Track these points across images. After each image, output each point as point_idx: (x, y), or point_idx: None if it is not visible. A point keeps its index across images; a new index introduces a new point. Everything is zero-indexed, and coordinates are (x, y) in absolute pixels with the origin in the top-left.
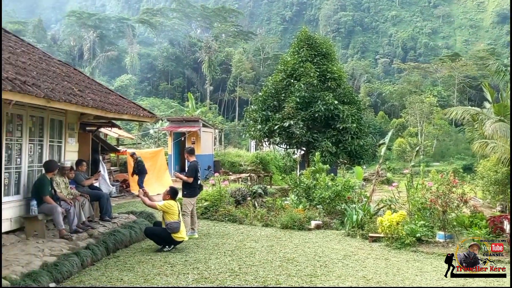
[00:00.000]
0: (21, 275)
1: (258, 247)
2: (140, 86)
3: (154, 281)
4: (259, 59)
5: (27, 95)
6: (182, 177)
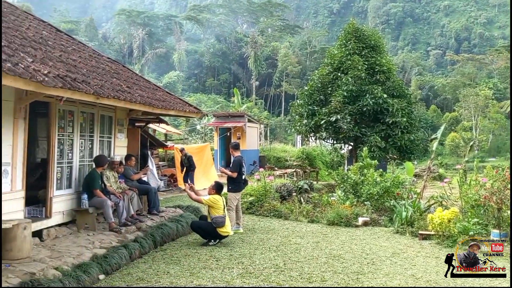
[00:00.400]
0: (72, 266)
1: (303, 243)
2: (187, 82)
3: (200, 274)
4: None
5: (77, 91)
6: (227, 172)
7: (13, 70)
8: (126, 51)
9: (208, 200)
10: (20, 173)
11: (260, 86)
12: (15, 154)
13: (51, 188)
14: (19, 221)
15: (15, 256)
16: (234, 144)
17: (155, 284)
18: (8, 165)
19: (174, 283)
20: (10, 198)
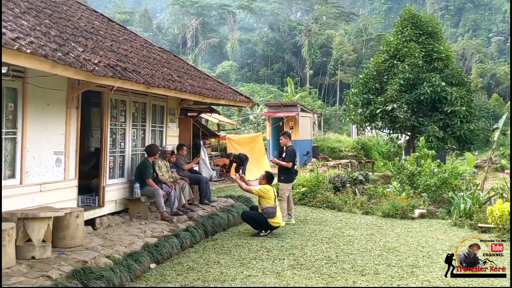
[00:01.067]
0: (124, 255)
1: (357, 235)
2: (240, 72)
3: (250, 265)
4: (361, 41)
5: (127, 81)
6: (280, 162)
7: (64, 59)
8: (180, 41)
9: (258, 190)
10: (73, 162)
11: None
12: (67, 143)
13: (104, 177)
14: (71, 210)
15: (68, 244)
16: (288, 133)
17: (206, 273)
18: (61, 154)
19: (224, 273)
20: (63, 186)
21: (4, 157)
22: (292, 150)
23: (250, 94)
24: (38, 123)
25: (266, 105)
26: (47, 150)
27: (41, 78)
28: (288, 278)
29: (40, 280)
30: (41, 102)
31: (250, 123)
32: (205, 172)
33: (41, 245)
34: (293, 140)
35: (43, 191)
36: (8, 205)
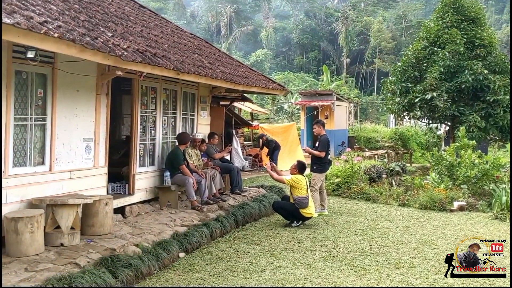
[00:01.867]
0: (153, 244)
1: (392, 227)
2: (275, 60)
3: (280, 255)
4: (400, 28)
5: (157, 67)
6: (313, 152)
7: (92, 44)
8: (214, 30)
9: (290, 180)
10: (103, 149)
11: (351, 63)
12: (97, 130)
13: (134, 165)
14: (100, 197)
15: (97, 231)
16: (322, 122)
17: (235, 263)
18: (91, 141)
19: (253, 263)
20: (93, 174)
21: (34, 143)
22: (325, 139)
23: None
24: (67, 109)
25: (300, 94)
26: (77, 137)
27: (70, 64)
28: (319, 270)
29: (68, 267)
30: (70, 88)
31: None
32: (238, 161)
33: (70, 232)
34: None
35: (72, 178)
36: (37, 191)
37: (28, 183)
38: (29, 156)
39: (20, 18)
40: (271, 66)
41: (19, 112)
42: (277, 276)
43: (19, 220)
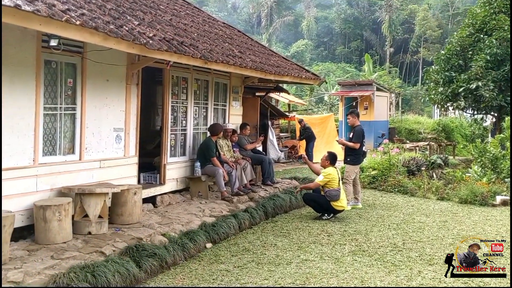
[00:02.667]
0: (180, 233)
1: (428, 222)
2: (316, 51)
3: (308, 249)
4: (447, 16)
5: (183, 55)
6: (347, 143)
7: (116, 32)
8: (255, 21)
9: (322, 180)
10: (133, 139)
11: (394, 53)
12: (127, 120)
13: (165, 155)
14: (128, 186)
15: (126, 220)
16: (356, 112)
17: (261, 256)
18: (121, 131)
19: (279, 256)
20: (123, 163)
21: (64, 132)
22: (360, 130)
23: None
24: (97, 99)
25: (339, 84)
26: (107, 127)
27: (99, 53)
28: (347, 265)
29: (94, 255)
30: (100, 78)
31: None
32: (273, 153)
33: (98, 221)
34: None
35: (102, 167)
36: (67, 180)
37: (58, 171)
38: (59, 145)
39: (41, 5)
40: (311, 56)
41: (49, 101)
42: (302, 269)
43: (47, 208)
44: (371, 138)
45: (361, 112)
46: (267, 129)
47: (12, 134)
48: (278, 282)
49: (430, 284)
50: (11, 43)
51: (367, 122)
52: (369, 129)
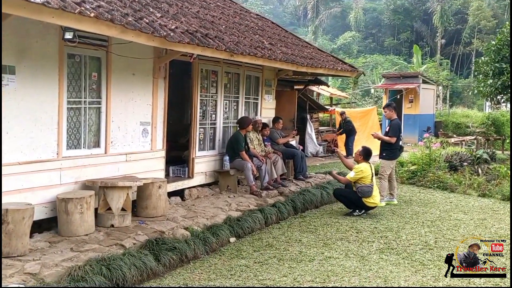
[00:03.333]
0: (203, 227)
1: (466, 219)
2: (363, 43)
3: (334, 246)
4: (502, 5)
5: (207, 48)
6: (383, 137)
7: (133, 25)
8: (301, 13)
9: (353, 177)
10: (160, 133)
11: (446, 44)
12: (154, 114)
13: (193, 148)
14: (153, 180)
15: (150, 213)
16: (393, 105)
17: (284, 252)
18: (147, 124)
19: (303, 252)
20: (150, 157)
21: (89, 126)
22: (396, 124)
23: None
24: (123, 93)
25: (383, 77)
26: (133, 121)
27: (125, 47)
28: (372, 263)
29: (113, 248)
30: (126, 72)
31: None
32: (311, 147)
33: (120, 214)
34: (412, 114)
35: (128, 160)
36: (92, 173)
37: (82, 165)
38: (83, 138)
39: None
40: (359, 48)
41: (73, 95)
42: (324, 267)
43: (69, 201)
44: (415, 132)
45: (406, 105)
46: (306, 123)
47: (34, 127)
48: (297, 279)
49: (458, 284)
50: (34, 36)
51: (412, 116)
52: (414, 123)
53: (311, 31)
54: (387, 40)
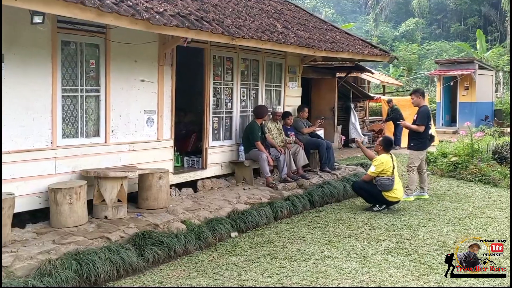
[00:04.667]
0: (204, 221)
1: (499, 217)
2: (428, 29)
3: (338, 244)
4: None
5: (202, 31)
6: (410, 126)
7: (111, 7)
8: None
9: (374, 172)
10: (168, 122)
11: None
12: (160, 103)
13: (207, 138)
14: (150, 170)
15: (151, 205)
16: (421, 91)
17: (281, 249)
18: (153, 113)
19: (301, 250)
20: (156, 147)
21: (88, 115)
22: (425, 111)
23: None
24: (124, 80)
25: (436, 63)
26: (136, 109)
27: (125, 34)
28: (373, 264)
29: (98, 241)
30: (127, 59)
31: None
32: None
33: (115, 205)
34: (468, 102)
35: (131, 150)
36: (92, 163)
37: (80, 154)
38: (81, 127)
39: None
40: (423, 35)
41: (69, 83)
42: (318, 267)
43: (58, 191)
44: (472, 122)
45: (461, 92)
46: (350, 112)
47: (26, 115)
48: (282, 281)
49: None
50: (24, 23)
51: (468, 104)
52: (471, 111)
53: (372, 18)
54: (453, 26)
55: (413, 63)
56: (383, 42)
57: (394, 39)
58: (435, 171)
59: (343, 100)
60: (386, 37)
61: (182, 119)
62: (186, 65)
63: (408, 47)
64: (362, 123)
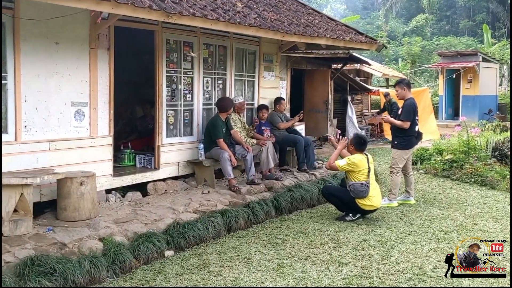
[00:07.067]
0: (132, 236)
1: (494, 230)
2: (437, 25)
3: (288, 269)
4: None
5: (120, 4)
6: (394, 121)
7: None
8: None
9: (342, 166)
10: (104, 116)
11: None
12: (93, 93)
13: (159, 134)
14: (65, 175)
15: (70, 216)
16: (406, 82)
17: (213, 277)
18: (83, 105)
19: (237, 279)
20: (88, 145)
21: None
22: (411, 105)
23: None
24: (40, 66)
25: (439, 55)
26: (59, 100)
27: (40, 10)
28: None
29: None
30: (44, 40)
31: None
32: (352, 131)
33: (13, 219)
34: (471, 95)
35: (53, 149)
36: None
37: None
38: None
39: None
40: (432, 31)
41: None
42: None
43: None
44: (475, 115)
45: (464, 85)
46: (347, 105)
47: None
48: None
49: None
50: None
51: (471, 97)
52: (474, 105)
53: (382, 14)
54: (462, 22)
55: (416, 56)
56: (393, 37)
57: (404, 34)
58: (428, 170)
59: (340, 93)
60: (397, 32)
61: (149, 112)
62: (152, 51)
63: (412, 39)
64: (360, 117)
